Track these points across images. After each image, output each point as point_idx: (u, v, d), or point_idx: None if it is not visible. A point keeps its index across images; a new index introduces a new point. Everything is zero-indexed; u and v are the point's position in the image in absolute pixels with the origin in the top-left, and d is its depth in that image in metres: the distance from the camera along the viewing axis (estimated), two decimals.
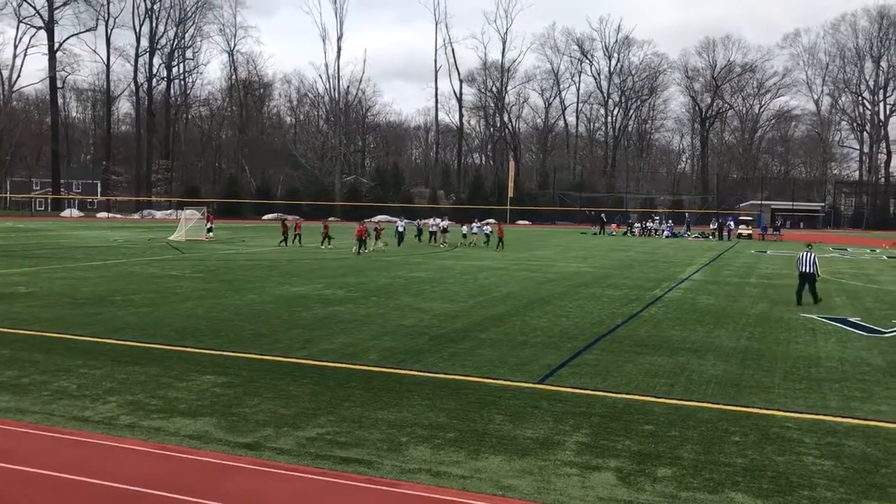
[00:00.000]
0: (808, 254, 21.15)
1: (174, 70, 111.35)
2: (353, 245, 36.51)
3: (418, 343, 13.89)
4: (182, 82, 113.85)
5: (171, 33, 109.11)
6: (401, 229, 43.77)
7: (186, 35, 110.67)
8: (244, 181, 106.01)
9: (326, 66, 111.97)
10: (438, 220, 47.49)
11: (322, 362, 12.11)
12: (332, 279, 24.55)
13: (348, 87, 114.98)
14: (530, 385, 10.94)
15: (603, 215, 74.88)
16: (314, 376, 11.14)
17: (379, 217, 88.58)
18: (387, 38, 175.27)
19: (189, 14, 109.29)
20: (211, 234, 46.52)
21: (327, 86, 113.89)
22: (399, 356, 12.69)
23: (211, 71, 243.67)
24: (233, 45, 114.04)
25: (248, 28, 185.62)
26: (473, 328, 15.63)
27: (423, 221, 50.30)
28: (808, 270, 20.99)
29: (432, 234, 45.84)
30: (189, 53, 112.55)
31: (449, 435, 8.53)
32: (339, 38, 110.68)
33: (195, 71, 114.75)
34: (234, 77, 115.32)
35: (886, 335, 16.08)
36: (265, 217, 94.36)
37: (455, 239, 46.78)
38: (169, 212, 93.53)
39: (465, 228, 46.76)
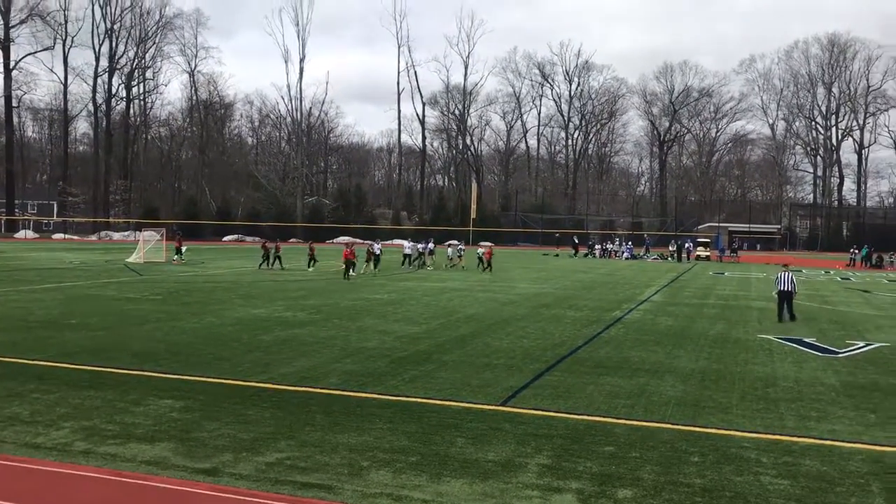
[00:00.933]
0: (786, 274, 22.49)
1: (134, 90, 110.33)
2: (347, 269, 34.79)
3: (380, 366, 13.83)
4: (142, 102, 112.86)
5: (132, 53, 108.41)
6: (377, 252, 42.88)
7: (147, 55, 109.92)
8: (204, 202, 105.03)
9: (289, 87, 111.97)
10: (412, 243, 46.88)
11: (282, 386, 11.99)
12: (293, 301, 24.37)
13: (311, 108, 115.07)
14: (493, 407, 10.94)
15: (575, 238, 76.23)
16: (274, 400, 11.02)
17: (342, 238, 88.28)
18: (350, 61, 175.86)
19: (150, 34, 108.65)
20: (177, 257, 45.58)
21: (289, 107, 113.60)
22: (360, 379, 12.61)
23: (171, 91, 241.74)
24: (194, 66, 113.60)
25: (209, 49, 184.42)
26: (436, 350, 15.60)
27: (419, 244, 47.43)
28: (786, 289, 22.19)
29: (405, 256, 45.15)
30: (149, 73, 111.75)
31: (411, 459, 8.49)
32: (302, 60, 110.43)
33: (155, 91, 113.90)
34: (194, 97, 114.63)
35: (840, 356, 16.40)
36: (225, 238, 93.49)
37: (439, 260, 46.59)
38: (127, 233, 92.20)
39: (450, 251, 46.38)
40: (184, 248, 46.44)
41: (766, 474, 8.27)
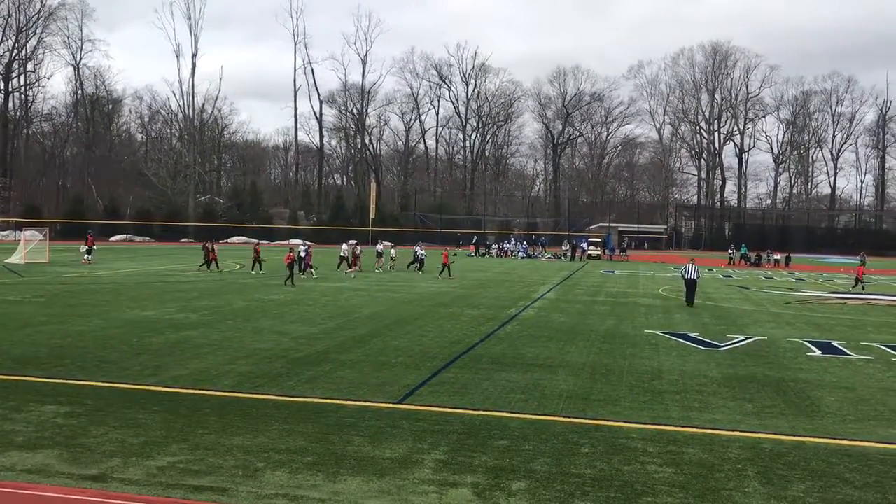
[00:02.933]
0: (692, 265, 27.08)
1: (13, 82, 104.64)
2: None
3: (276, 367, 13.66)
4: (22, 95, 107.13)
5: (11, 43, 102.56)
6: (303, 254, 40.73)
7: (28, 45, 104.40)
8: (91, 201, 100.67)
9: (180, 82, 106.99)
10: (347, 245, 45.43)
11: (173, 389, 11.69)
12: (185, 302, 23.72)
13: (203, 104, 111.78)
14: (390, 405, 11.00)
15: (477, 237, 77.78)
16: (165, 404, 10.74)
17: (235, 238, 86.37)
18: (244, 57, 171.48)
19: (30, 24, 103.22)
20: (88, 256, 43.42)
21: (181, 103, 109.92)
22: (256, 381, 12.43)
23: (55, 85, 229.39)
24: (79, 59, 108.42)
25: (95, 41, 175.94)
26: (334, 350, 15.53)
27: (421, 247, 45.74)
28: (692, 277, 26.74)
29: (341, 258, 43.51)
30: (30, 66, 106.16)
31: (307, 459, 8.44)
32: (194, 55, 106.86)
33: (37, 84, 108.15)
34: (80, 92, 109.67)
35: (722, 349, 17.25)
36: (113, 238, 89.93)
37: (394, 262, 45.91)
38: (6, 233, 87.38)
39: (393, 252, 45.92)
40: (94, 248, 44.37)
41: (653, 463, 8.64)
